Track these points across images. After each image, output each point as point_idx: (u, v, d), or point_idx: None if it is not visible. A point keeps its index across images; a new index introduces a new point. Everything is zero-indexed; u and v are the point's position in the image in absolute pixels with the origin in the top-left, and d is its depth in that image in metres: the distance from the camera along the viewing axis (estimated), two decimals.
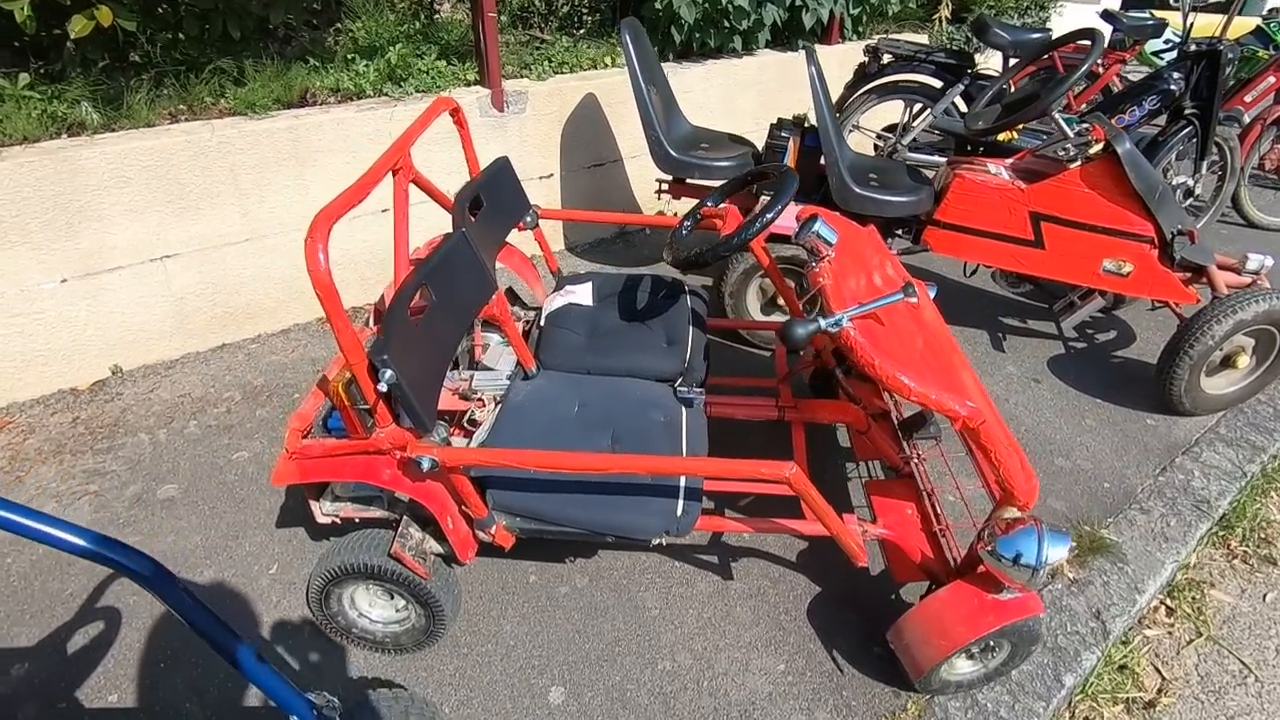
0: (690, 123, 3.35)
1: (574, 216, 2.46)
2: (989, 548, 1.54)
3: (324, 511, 1.72)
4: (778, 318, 2.98)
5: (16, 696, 1.70)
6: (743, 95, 4.10)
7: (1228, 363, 2.67)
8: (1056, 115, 2.71)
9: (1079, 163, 2.70)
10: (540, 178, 3.47)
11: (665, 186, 3.28)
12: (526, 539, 1.71)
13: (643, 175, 3.85)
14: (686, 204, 3.88)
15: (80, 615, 1.89)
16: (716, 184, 3.26)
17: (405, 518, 1.65)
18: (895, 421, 2.16)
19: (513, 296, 2.57)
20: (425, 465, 1.42)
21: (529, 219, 2.31)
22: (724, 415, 2.16)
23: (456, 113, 2.10)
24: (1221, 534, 2.34)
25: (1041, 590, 2.00)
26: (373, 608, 1.77)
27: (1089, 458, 2.53)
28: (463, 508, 1.59)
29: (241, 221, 2.74)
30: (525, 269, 2.48)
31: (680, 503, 1.62)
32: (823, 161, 2.80)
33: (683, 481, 1.65)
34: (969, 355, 3.05)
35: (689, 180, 3.20)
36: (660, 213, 3.94)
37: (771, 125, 3.05)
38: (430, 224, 3.03)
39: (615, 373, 2.05)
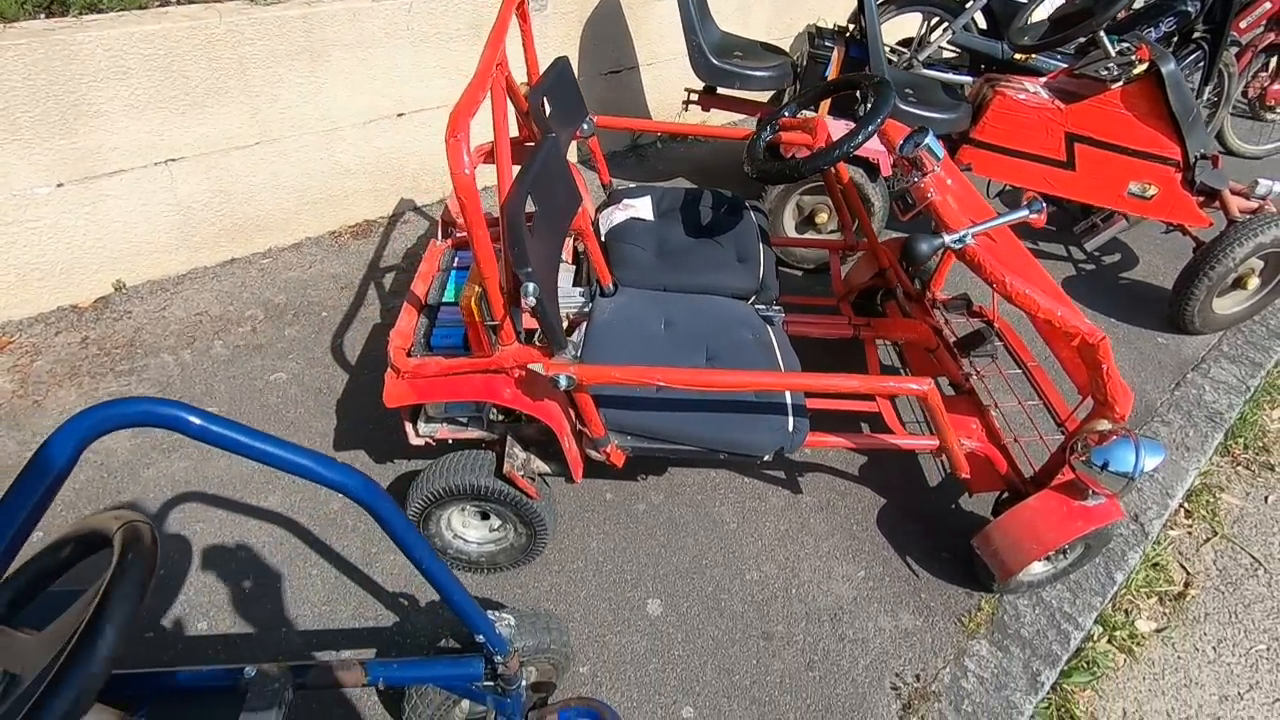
0: (720, 29, 3.18)
1: (636, 125, 2.34)
2: (1084, 458, 1.62)
3: (420, 433, 1.66)
4: (811, 235, 2.95)
5: None
6: (756, 0, 3.92)
7: (1238, 283, 2.82)
8: (1101, 33, 2.70)
9: (1120, 83, 2.71)
10: None
11: (694, 96, 3.15)
12: (635, 458, 1.69)
13: (658, 84, 3.68)
14: (717, 115, 3.75)
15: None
16: (751, 95, 3.16)
17: (509, 438, 1.61)
18: (949, 341, 2.21)
19: None
20: (563, 383, 1.36)
21: (585, 126, 2.18)
22: (800, 334, 2.16)
23: (522, 5, 1.93)
24: (1227, 443, 2.53)
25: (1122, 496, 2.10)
26: (466, 528, 1.74)
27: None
28: (580, 426, 1.55)
29: (251, 122, 2.50)
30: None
31: (790, 419, 1.63)
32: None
33: (789, 398, 1.66)
34: None
35: (720, 90, 3.07)
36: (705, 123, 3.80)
37: (810, 34, 2.93)
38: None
39: (692, 290, 2.01)
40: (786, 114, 2.06)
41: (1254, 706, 1.77)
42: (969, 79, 3.54)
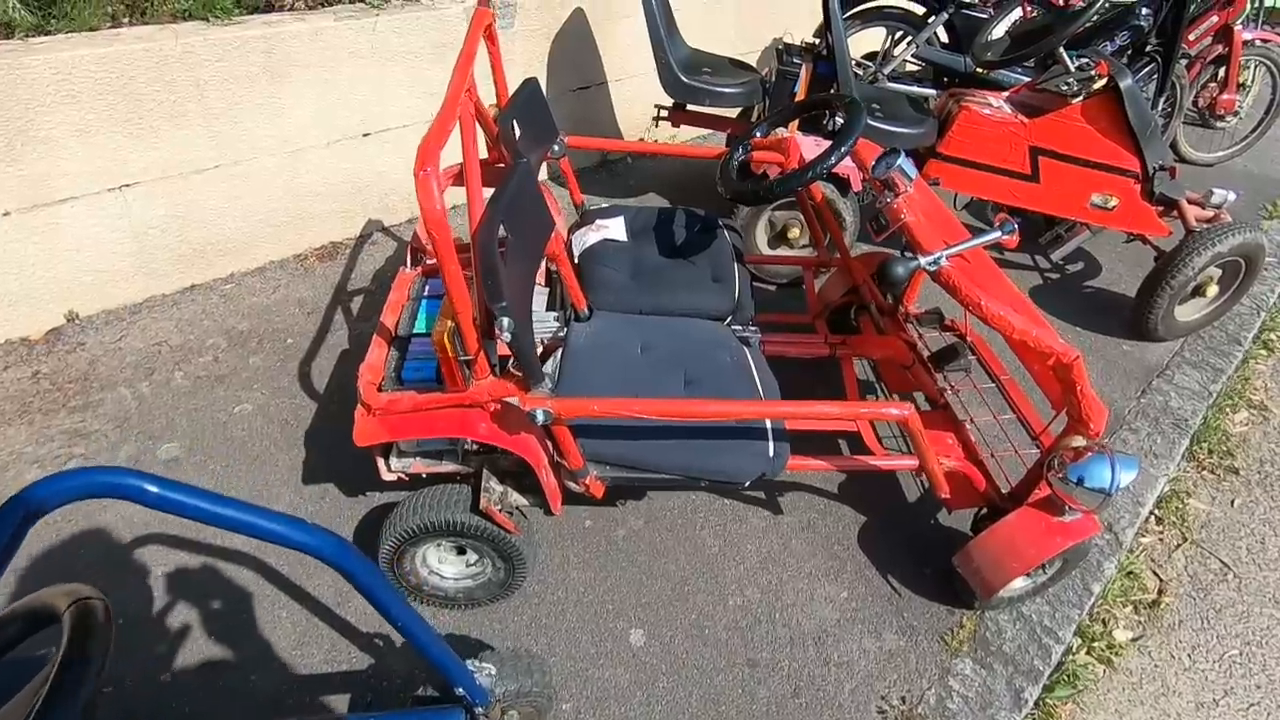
0: (688, 45, 3.19)
1: (607, 145, 2.32)
2: (1060, 474, 1.63)
3: (392, 468, 1.61)
4: (783, 251, 2.96)
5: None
6: (721, 13, 3.93)
7: (1198, 291, 2.89)
8: (1060, 50, 2.75)
9: (1080, 98, 2.76)
10: None
11: (664, 114, 3.14)
12: (613, 487, 1.66)
13: (627, 100, 3.67)
14: (688, 132, 3.75)
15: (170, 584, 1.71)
16: (720, 111, 3.16)
17: (486, 471, 1.57)
18: (924, 356, 2.22)
19: None
20: (540, 418, 1.33)
21: (556, 148, 2.15)
22: (777, 354, 2.15)
23: (489, 26, 1.90)
24: (1192, 449, 2.58)
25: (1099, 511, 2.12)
26: (443, 564, 1.70)
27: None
28: (557, 458, 1.52)
29: (209, 145, 2.43)
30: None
31: (771, 444, 1.61)
32: (840, 89, 2.75)
33: (769, 424, 1.64)
34: None
35: (691, 107, 3.07)
36: (665, 140, 3.78)
37: (778, 50, 2.94)
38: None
39: (668, 312, 1.99)
40: (758, 134, 2.06)
41: (1229, 713, 1.79)
42: (933, 92, 3.59)
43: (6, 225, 2.15)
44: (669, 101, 3.09)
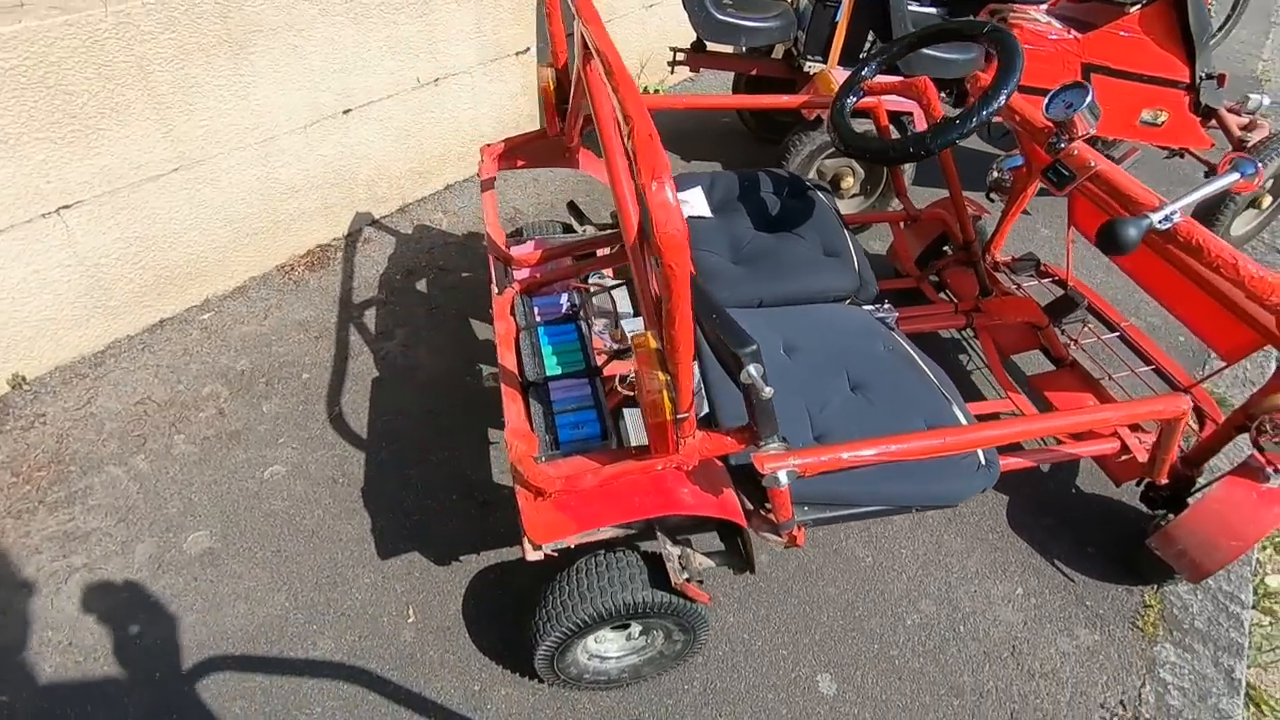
0: None
1: (688, 103, 1.94)
2: (1277, 438, 1.46)
3: (539, 546, 1.27)
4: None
5: None
6: None
7: (1253, 204, 2.80)
8: None
9: (1139, 5, 2.56)
10: (515, 53, 2.78)
11: (680, 57, 2.75)
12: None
13: (627, 43, 3.24)
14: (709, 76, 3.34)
15: None
16: (736, 51, 2.79)
17: (662, 536, 1.26)
18: None
19: (574, 209, 2.06)
20: (784, 479, 1.03)
21: None
22: (914, 330, 1.89)
23: None
24: None
25: None
26: (601, 644, 1.40)
27: (1156, 312, 2.58)
28: (764, 511, 1.23)
29: (164, 143, 1.91)
30: (601, 173, 1.97)
31: (981, 452, 1.37)
32: (891, 16, 2.44)
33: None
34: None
35: (713, 47, 2.69)
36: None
37: None
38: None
39: (792, 300, 1.69)
40: (864, 74, 1.75)
41: None
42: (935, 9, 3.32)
43: None
44: (677, 44, 2.71)
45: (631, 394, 1.53)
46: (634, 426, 1.44)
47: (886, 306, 1.76)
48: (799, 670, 1.53)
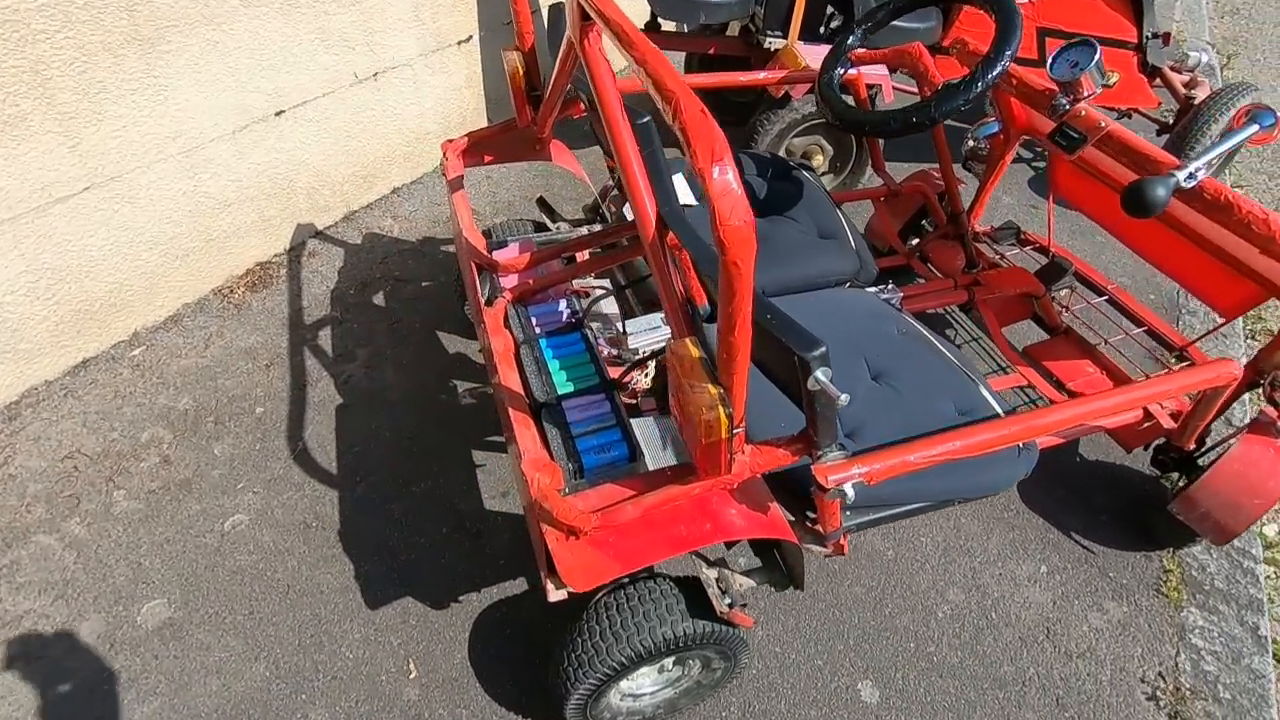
0: None
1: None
2: None
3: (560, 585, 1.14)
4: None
5: None
6: None
7: None
8: None
9: None
10: (458, 42, 2.59)
11: None
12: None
13: None
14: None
15: None
16: (690, 29, 2.67)
17: (697, 559, 1.14)
18: None
19: (544, 206, 1.91)
20: (850, 494, 0.93)
21: None
22: (916, 309, 1.82)
23: None
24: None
25: None
26: (633, 681, 1.27)
27: (1125, 274, 2.60)
28: (807, 521, 1.12)
29: (70, 159, 1.67)
30: (576, 167, 1.83)
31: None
32: None
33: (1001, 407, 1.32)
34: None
35: (666, 26, 2.57)
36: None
37: None
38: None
39: (795, 287, 1.59)
40: (852, 43, 1.65)
41: None
42: None
43: None
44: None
45: (634, 402, 1.41)
46: (644, 438, 1.31)
47: (890, 287, 1.69)
48: (838, 680, 1.45)
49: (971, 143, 2.10)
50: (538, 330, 1.26)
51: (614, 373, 1.26)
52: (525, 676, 1.37)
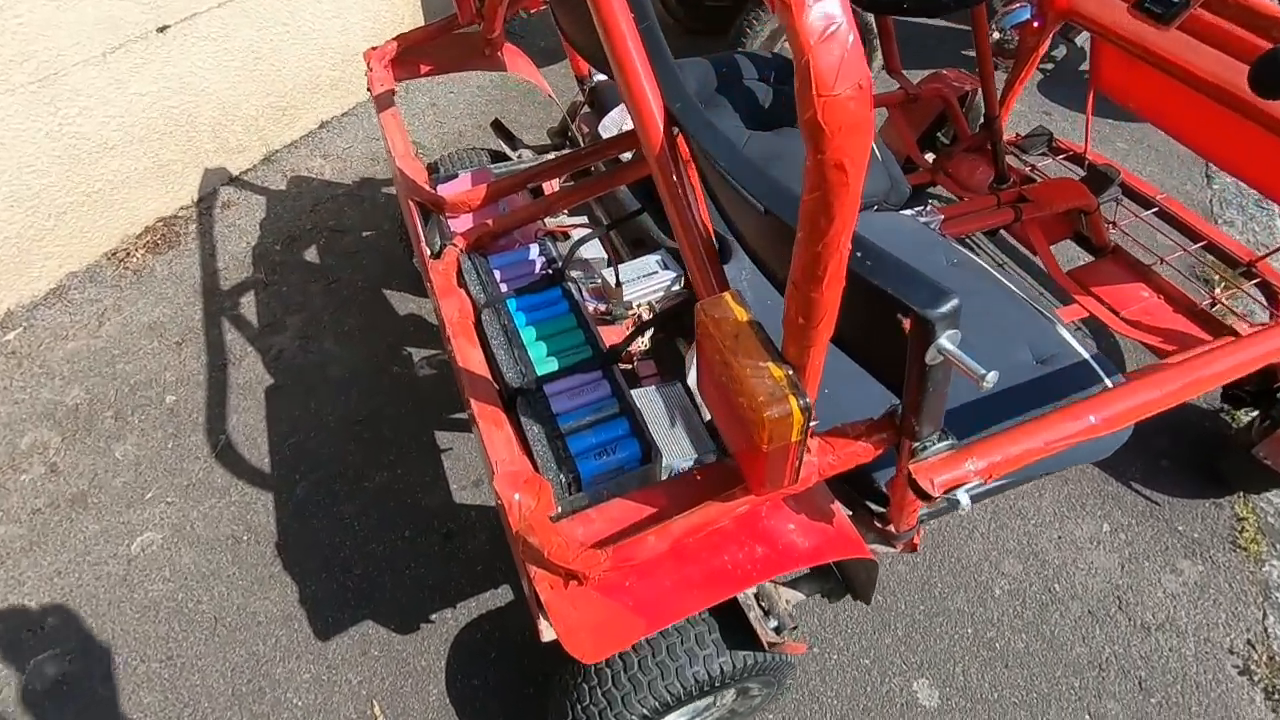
0: None
1: None
2: None
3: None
4: None
5: None
6: None
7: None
8: None
9: None
10: None
11: None
12: None
13: None
14: None
15: None
16: None
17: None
18: None
19: (500, 130, 1.58)
20: (965, 501, 0.66)
21: None
22: (957, 233, 1.54)
23: None
24: None
25: None
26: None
27: (1148, 176, 2.35)
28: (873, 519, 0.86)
29: None
30: (538, 78, 1.48)
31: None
32: None
33: (1102, 372, 1.06)
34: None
35: None
36: None
37: None
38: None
39: None
40: None
41: None
42: None
43: None
44: None
45: (629, 367, 1.13)
46: (651, 420, 1.03)
47: (929, 209, 1.40)
48: (890, 682, 1.22)
49: (997, 34, 1.78)
50: (504, 288, 0.95)
51: (608, 337, 0.96)
52: (518, 708, 1.12)
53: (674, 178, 0.67)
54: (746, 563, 0.67)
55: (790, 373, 0.54)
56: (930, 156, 1.96)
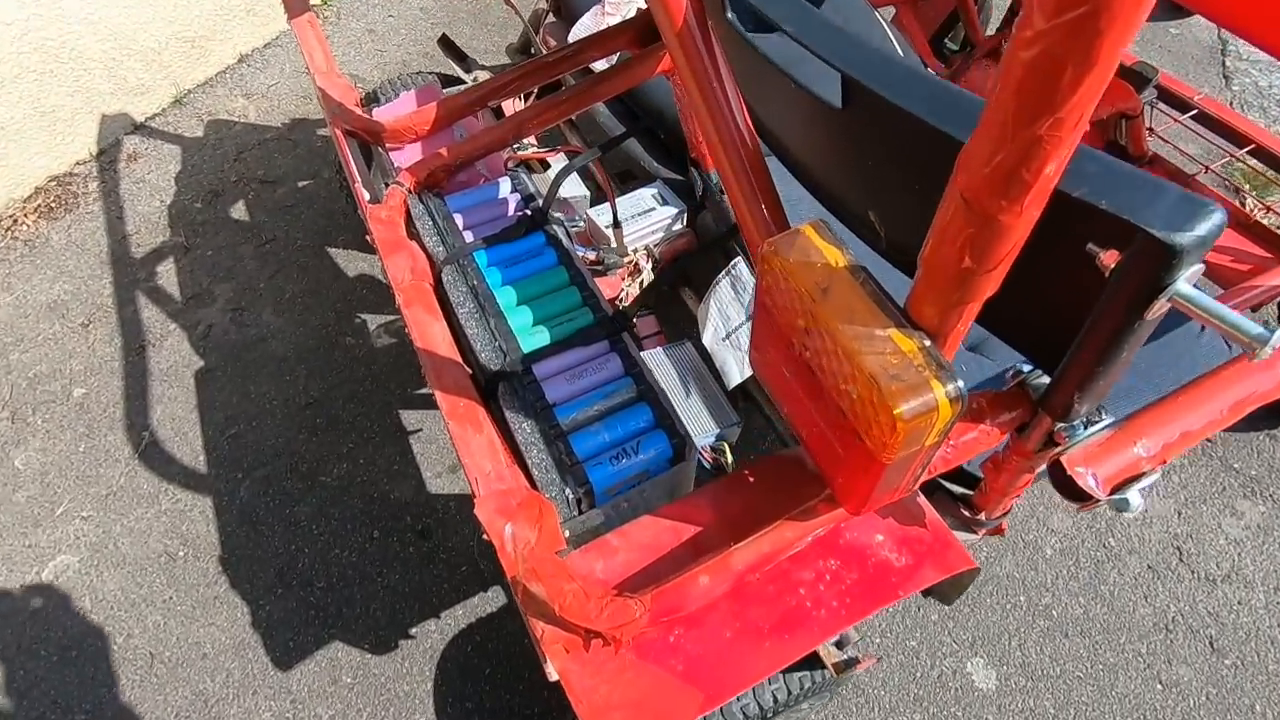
0: None
1: None
2: None
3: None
4: None
5: None
6: None
7: None
8: None
9: None
10: None
11: None
12: None
13: None
14: None
15: None
16: None
17: None
18: None
19: (448, 46, 1.33)
20: (1138, 500, 0.48)
21: None
22: None
23: None
24: None
25: None
26: None
27: None
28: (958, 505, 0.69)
29: None
30: None
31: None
32: None
33: None
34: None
35: None
36: None
37: None
38: None
39: None
40: None
41: None
42: None
43: None
44: None
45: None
46: (668, 386, 0.83)
47: None
48: (941, 664, 1.09)
49: None
50: (468, 236, 0.72)
51: (606, 290, 0.76)
52: None
53: (703, 62, 0.46)
54: (831, 597, 0.49)
55: (928, 344, 0.35)
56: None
